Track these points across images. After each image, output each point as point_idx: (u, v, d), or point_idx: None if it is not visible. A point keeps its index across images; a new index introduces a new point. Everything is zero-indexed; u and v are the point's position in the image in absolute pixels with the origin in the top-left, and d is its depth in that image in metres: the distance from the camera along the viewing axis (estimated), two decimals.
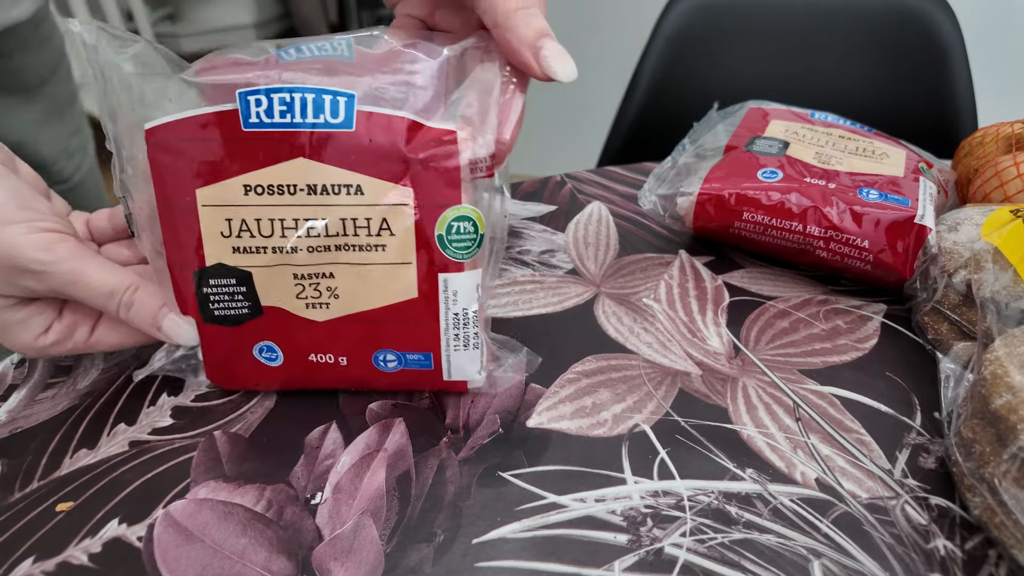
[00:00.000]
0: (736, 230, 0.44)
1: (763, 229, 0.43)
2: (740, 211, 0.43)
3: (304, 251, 0.29)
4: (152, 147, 0.28)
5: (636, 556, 0.27)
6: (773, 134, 0.48)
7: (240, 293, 0.30)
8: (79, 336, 0.32)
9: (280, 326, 0.31)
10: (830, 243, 0.41)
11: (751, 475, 0.31)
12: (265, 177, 0.28)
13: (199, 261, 0.29)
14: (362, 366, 0.32)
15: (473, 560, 0.27)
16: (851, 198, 0.41)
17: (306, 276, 0.29)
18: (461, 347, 0.32)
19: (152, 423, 0.33)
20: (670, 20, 0.80)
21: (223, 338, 0.32)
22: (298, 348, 0.32)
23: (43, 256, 0.28)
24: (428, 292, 0.30)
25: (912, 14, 0.76)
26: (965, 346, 0.35)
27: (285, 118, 0.27)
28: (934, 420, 0.34)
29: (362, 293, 0.30)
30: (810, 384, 0.36)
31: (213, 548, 0.27)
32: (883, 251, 0.39)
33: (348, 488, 0.30)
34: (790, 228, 0.41)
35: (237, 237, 0.28)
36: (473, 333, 0.31)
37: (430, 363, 0.32)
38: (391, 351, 0.32)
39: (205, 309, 0.31)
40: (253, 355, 0.32)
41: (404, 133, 0.27)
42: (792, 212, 0.41)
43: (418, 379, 0.33)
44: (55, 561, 0.27)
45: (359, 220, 0.28)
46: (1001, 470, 0.26)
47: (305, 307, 0.30)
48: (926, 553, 0.27)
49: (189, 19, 3.08)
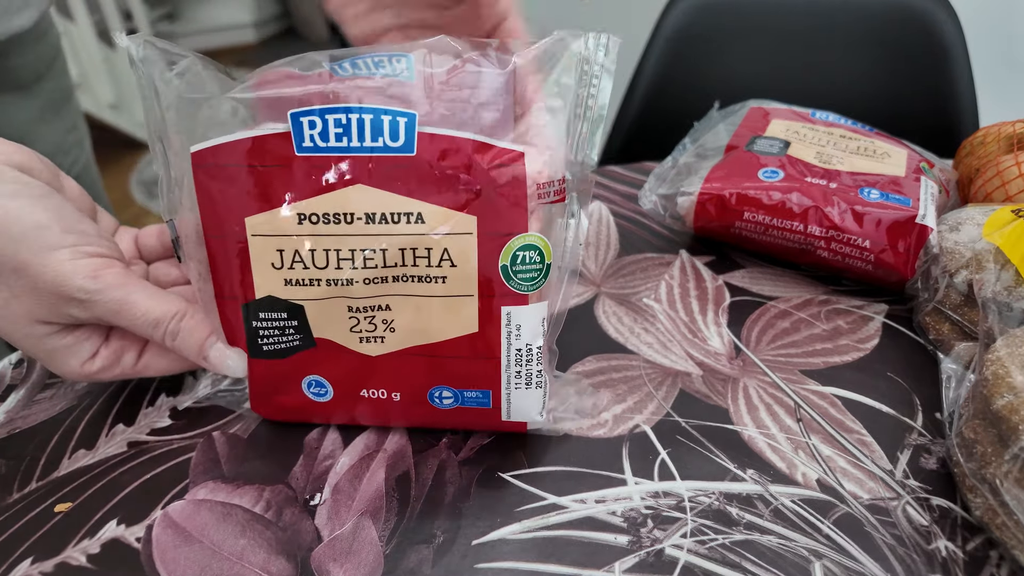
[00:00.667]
0: (737, 230, 0.43)
1: (764, 229, 0.42)
2: (741, 211, 0.43)
3: (360, 283, 0.27)
4: (199, 172, 0.27)
5: (636, 557, 0.27)
6: (774, 134, 0.48)
7: (291, 327, 0.28)
8: (126, 362, 0.32)
9: (331, 359, 0.29)
10: (831, 243, 0.41)
11: (752, 476, 0.30)
12: (319, 205, 0.26)
13: (248, 293, 0.28)
14: (417, 403, 0.30)
15: (473, 561, 0.27)
16: (852, 198, 0.41)
17: (361, 309, 0.27)
18: (523, 386, 0.29)
19: (151, 424, 0.33)
20: (670, 20, 0.80)
21: (271, 371, 0.30)
22: (349, 383, 0.30)
23: (88, 284, 0.27)
24: (489, 326, 0.28)
25: (913, 13, 0.75)
26: (966, 346, 0.35)
27: (341, 141, 0.25)
28: (935, 421, 0.33)
29: (419, 327, 0.28)
30: (811, 384, 0.36)
31: (212, 549, 0.27)
32: (884, 251, 0.39)
33: (347, 489, 0.30)
34: (791, 228, 0.41)
35: (289, 269, 0.27)
36: (536, 371, 0.29)
37: (488, 402, 0.30)
38: (448, 388, 0.29)
39: (254, 344, 0.29)
40: (302, 389, 0.30)
41: (468, 156, 0.26)
42: (793, 212, 0.41)
43: (475, 419, 0.31)
44: (54, 562, 0.27)
45: (419, 250, 0.26)
46: (1003, 471, 0.26)
47: (359, 341, 0.28)
48: (927, 554, 0.27)
49: (188, 18, 3.08)
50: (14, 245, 0.26)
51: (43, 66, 0.51)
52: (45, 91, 0.53)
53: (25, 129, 0.52)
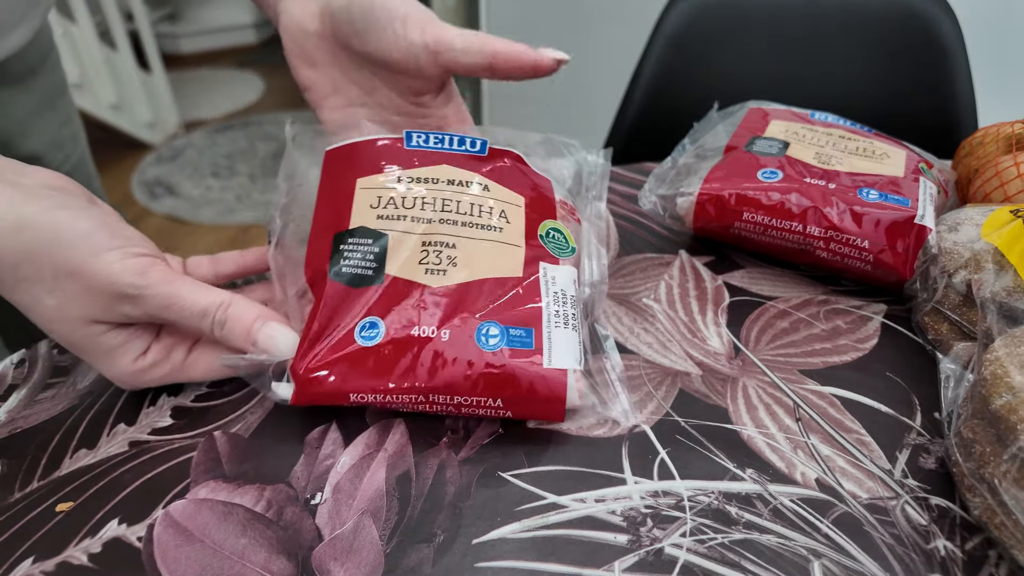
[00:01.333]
0: (736, 230, 0.44)
1: (763, 229, 0.42)
2: (740, 211, 0.43)
3: (436, 222, 0.34)
4: (328, 160, 0.35)
5: (636, 556, 0.27)
6: (773, 134, 0.48)
7: (372, 254, 0.33)
8: (176, 358, 0.33)
9: (393, 296, 0.32)
10: (830, 243, 0.41)
11: (751, 475, 0.31)
12: (415, 172, 0.35)
13: (343, 224, 0.33)
14: (462, 344, 0.31)
15: (473, 560, 0.27)
16: (851, 198, 0.41)
17: (432, 243, 0.33)
18: (561, 325, 0.33)
19: (152, 423, 0.33)
20: (670, 20, 0.80)
21: (337, 298, 0.32)
22: (403, 319, 0.32)
23: (138, 280, 0.29)
24: (532, 274, 0.34)
25: (913, 14, 0.76)
26: (965, 346, 0.35)
27: (438, 146, 0.36)
28: (934, 420, 0.33)
29: (477, 264, 0.33)
30: (810, 384, 0.36)
31: (213, 548, 0.27)
32: (883, 251, 0.39)
33: (348, 488, 0.30)
34: (790, 228, 0.41)
35: (383, 208, 0.34)
36: (571, 313, 0.33)
37: (531, 341, 0.32)
38: (495, 323, 0.32)
39: (335, 262, 0.33)
40: (354, 334, 0.32)
41: (520, 163, 0.38)
42: (792, 212, 0.41)
43: (517, 373, 0.31)
44: (55, 561, 0.27)
45: (483, 207, 0.35)
46: (1001, 470, 0.26)
47: (424, 272, 0.33)
48: (926, 553, 0.27)
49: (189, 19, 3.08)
50: (66, 251, 0.28)
51: (37, 60, 0.52)
52: (40, 86, 0.53)
53: (22, 124, 0.52)
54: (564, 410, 0.32)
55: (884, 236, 0.39)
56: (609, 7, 1.38)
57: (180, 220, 1.84)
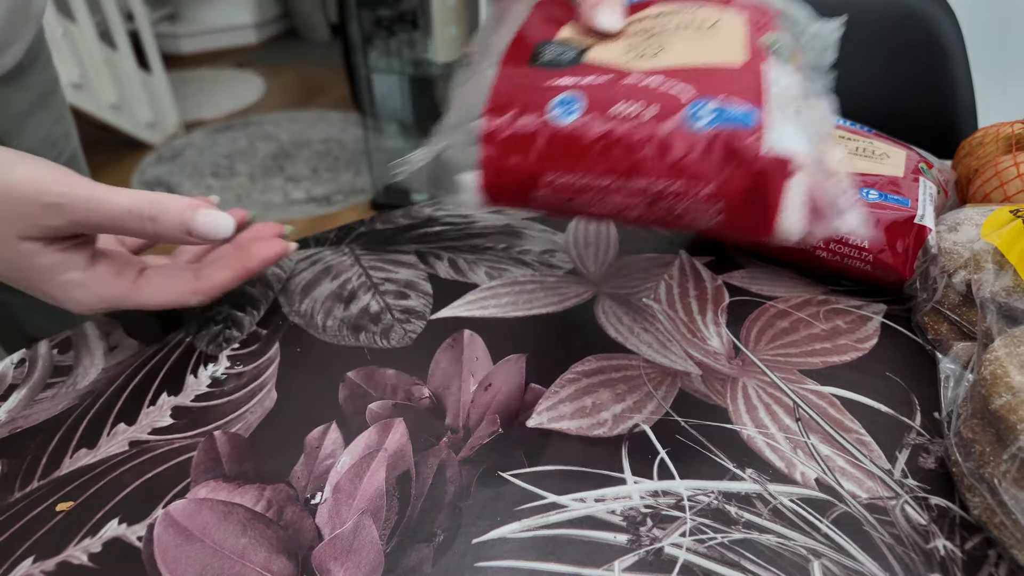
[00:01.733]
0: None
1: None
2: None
3: (652, 17, 0.32)
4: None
5: (636, 556, 0.27)
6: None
7: (573, 47, 0.31)
8: (126, 276, 0.33)
9: (592, 74, 0.29)
10: (830, 243, 0.41)
11: (751, 475, 0.31)
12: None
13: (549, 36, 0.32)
14: (671, 124, 0.27)
15: (473, 560, 0.27)
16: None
17: (639, 33, 0.31)
18: (785, 112, 0.27)
19: (152, 423, 0.33)
20: None
21: (524, 79, 0.29)
22: (604, 96, 0.28)
23: (57, 188, 0.29)
24: (754, 61, 0.29)
25: (912, 14, 0.76)
26: (965, 346, 0.35)
27: None
28: (934, 420, 0.34)
29: (690, 54, 0.29)
30: (810, 384, 0.36)
31: (213, 548, 0.27)
32: (883, 251, 0.39)
33: (348, 488, 0.30)
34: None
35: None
36: (794, 109, 0.28)
37: (751, 120, 0.26)
38: (711, 99, 0.27)
39: (535, 55, 0.30)
40: (545, 113, 0.28)
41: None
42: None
43: (733, 152, 0.26)
44: (55, 561, 0.27)
45: (705, 11, 0.32)
46: (1001, 470, 0.26)
47: (628, 55, 0.30)
48: (926, 553, 0.27)
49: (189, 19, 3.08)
50: None
51: (28, 59, 0.52)
52: (33, 83, 0.53)
53: (15, 122, 0.52)
54: (781, 198, 0.26)
55: (884, 236, 0.39)
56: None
57: None
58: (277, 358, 0.37)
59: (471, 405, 0.34)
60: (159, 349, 0.38)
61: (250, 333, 0.39)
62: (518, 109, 0.28)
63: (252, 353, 0.38)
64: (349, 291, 0.43)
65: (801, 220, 0.26)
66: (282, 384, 0.36)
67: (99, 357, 0.38)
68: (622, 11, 0.32)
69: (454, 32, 1.64)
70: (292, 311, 0.41)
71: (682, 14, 0.33)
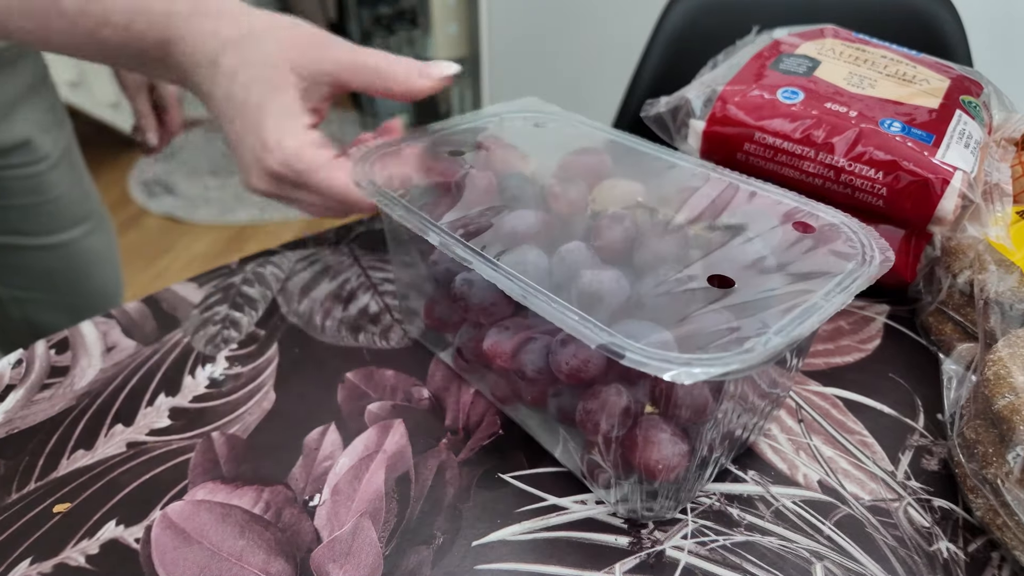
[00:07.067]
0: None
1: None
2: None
3: (862, 63, 0.44)
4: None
5: (637, 559, 0.27)
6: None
7: (806, 63, 0.43)
8: (328, 152, 0.34)
9: (815, 84, 0.41)
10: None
11: (753, 477, 0.30)
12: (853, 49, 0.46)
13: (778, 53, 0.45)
14: (868, 124, 0.38)
15: (472, 562, 0.27)
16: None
17: (857, 66, 0.43)
18: (962, 144, 0.37)
19: (150, 424, 0.33)
20: (671, 20, 0.80)
21: (761, 74, 0.43)
22: (821, 94, 0.40)
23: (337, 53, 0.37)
24: (948, 106, 0.39)
25: (915, 12, 0.75)
26: (968, 347, 0.35)
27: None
28: (937, 421, 0.33)
29: (897, 92, 0.40)
30: (812, 385, 0.35)
31: (211, 550, 0.27)
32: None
33: (347, 490, 0.30)
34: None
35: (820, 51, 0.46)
36: (970, 148, 0.38)
37: (930, 140, 0.37)
38: (900, 120, 0.38)
39: (777, 61, 0.44)
40: (774, 95, 0.41)
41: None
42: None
43: (907, 155, 0.37)
44: (52, 562, 0.27)
45: (909, 70, 0.43)
46: (1004, 471, 0.26)
47: (847, 82, 0.42)
48: (929, 555, 0.27)
49: None
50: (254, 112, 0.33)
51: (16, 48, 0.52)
52: (21, 71, 0.54)
53: (10, 106, 0.53)
54: (942, 195, 0.36)
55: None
56: (609, 7, 1.38)
57: (178, 219, 1.84)
58: (275, 359, 0.37)
59: (471, 406, 0.34)
60: (157, 350, 0.38)
61: (248, 334, 0.39)
62: (755, 86, 0.42)
63: (250, 354, 0.38)
64: (348, 291, 0.43)
65: (953, 211, 0.36)
66: (280, 385, 0.36)
67: (97, 357, 0.38)
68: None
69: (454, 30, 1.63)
70: (291, 311, 0.41)
71: (897, 65, 0.44)
